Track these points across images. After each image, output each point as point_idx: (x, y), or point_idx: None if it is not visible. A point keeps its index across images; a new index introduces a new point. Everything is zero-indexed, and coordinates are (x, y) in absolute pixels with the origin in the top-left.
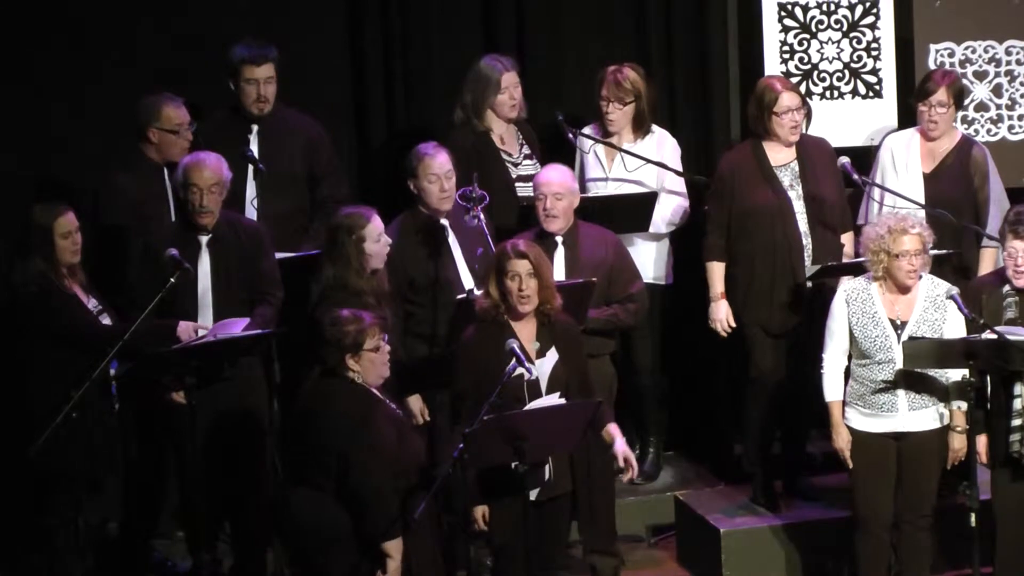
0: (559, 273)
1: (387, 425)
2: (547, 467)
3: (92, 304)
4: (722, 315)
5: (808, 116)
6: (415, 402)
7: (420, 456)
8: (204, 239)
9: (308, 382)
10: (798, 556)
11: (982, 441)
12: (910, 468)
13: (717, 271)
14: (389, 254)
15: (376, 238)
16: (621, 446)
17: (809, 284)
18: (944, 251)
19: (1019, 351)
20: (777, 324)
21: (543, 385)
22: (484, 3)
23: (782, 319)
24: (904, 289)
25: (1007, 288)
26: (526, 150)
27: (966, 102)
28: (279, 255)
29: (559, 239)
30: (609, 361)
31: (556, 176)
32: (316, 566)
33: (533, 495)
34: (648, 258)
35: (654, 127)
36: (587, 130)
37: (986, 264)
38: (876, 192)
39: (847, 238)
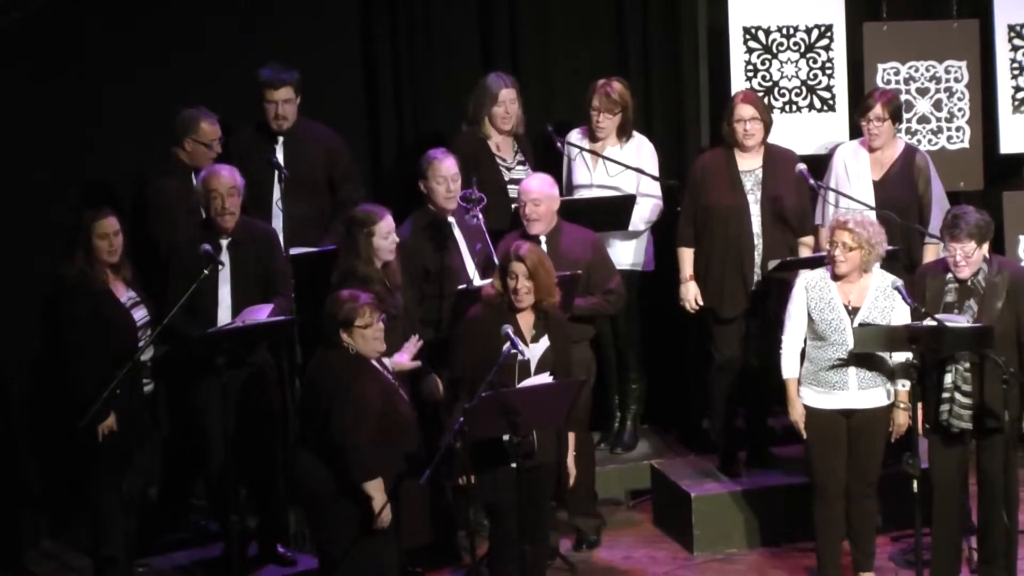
0: None
1: (372, 385)
2: (531, 438)
3: (129, 295)
4: (691, 295)
5: (767, 128)
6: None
7: (407, 416)
8: (224, 243)
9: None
10: (760, 518)
11: (920, 413)
12: (858, 442)
13: (686, 256)
14: (401, 248)
15: (385, 235)
16: (570, 460)
17: (758, 276)
18: (892, 247)
19: (952, 336)
20: (726, 309)
21: (532, 367)
22: (480, 25)
23: (730, 306)
24: (835, 277)
25: (949, 275)
26: (520, 157)
27: (910, 115)
28: (302, 250)
29: (542, 238)
30: (588, 346)
31: (535, 184)
32: (320, 521)
33: (515, 464)
34: (631, 248)
35: (634, 133)
36: (574, 135)
37: (928, 259)
38: (831, 196)
39: (807, 240)
